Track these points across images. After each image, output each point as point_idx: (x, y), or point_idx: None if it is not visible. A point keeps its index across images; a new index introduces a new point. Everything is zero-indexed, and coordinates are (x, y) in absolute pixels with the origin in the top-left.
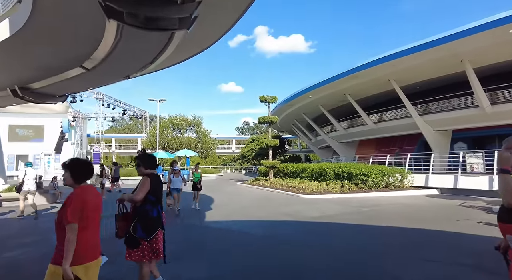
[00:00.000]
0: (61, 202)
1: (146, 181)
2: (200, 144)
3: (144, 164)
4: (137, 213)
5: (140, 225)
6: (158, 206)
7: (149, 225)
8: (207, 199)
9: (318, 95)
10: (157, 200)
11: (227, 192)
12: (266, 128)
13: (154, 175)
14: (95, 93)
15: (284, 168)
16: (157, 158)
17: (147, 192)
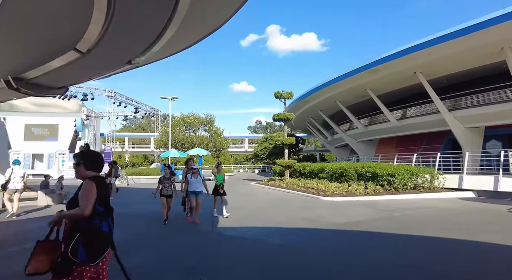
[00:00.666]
0: None
1: (91, 187)
2: (212, 143)
3: (86, 164)
4: (79, 229)
5: (83, 245)
6: (108, 219)
7: (97, 244)
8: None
9: (337, 90)
10: (107, 210)
11: (241, 192)
12: (280, 127)
13: (98, 178)
14: (106, 91)
15: (300, 167)
16: (169, 157)
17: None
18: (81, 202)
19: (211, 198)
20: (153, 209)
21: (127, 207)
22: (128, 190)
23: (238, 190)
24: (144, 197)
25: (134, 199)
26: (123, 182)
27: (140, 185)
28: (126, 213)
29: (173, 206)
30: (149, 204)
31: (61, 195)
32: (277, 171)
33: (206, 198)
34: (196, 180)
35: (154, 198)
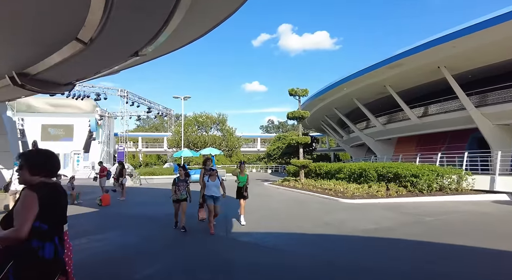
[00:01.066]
0: (79, 203)
1: (29, 199)
2: (225, 143)
3: (31, 167)
4: (12, 254)
5: (14, 278)
6: (55, 239)
7: (34, 275)
8: (234, 202)
9: (354, 87)
10: (53, 228)
11: (255, 193)
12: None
13: (44, 185)
14: (119, 91)
15: (316, 167)
16: (182, 157)
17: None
18: (16, 220)
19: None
20: (166, 211)
21: (140, 208)
22: (141, 190)
23: (252, 190)
24: (157, 197)
25: (146, 199)
26: (135, 182)
27: (153, 185)
28: (139, 214)
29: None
30: (162, 205)
31: (72, 196)
32: (291, 171)
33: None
34: (214, 183)
35: (171, 198)
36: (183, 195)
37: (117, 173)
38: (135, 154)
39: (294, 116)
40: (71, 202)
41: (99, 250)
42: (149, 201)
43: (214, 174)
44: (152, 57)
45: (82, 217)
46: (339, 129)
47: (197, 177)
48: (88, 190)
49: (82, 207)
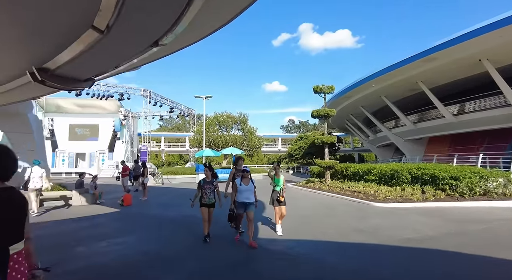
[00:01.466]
0: (101, 202)
1: None
2: (246, 142)
3: None
4: None
5: None
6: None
7: None
8: (262, 206)
9: (383, 83)
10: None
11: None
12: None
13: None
14: (142, 91)
15: (343, 169)
16: (203, 156)
17: None
18: None
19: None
20: (188, 213)
21: (161, 209)
22: (163, 190)
23: None
24: (179, 197)
25: (168, 200)
26: (158, 181)
27: (175, 185)
28: (160, 215)
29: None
30: (184, 206)
31: (95, 195)
32: (316, 172)
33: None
34: (247, 188)
35: (192, 207)
36: (211, 200)
37: (133, 173)
38: (158, 154)
39: (319, 114)
40: (94, 201)
41: (118, 254)
42: (171, 202)
43: (247, 177)
44: (172, 50)
45: (103, 217)
46: (366, 128)
47: (225, 177)
48: (111, 189)
49: (104, 206)
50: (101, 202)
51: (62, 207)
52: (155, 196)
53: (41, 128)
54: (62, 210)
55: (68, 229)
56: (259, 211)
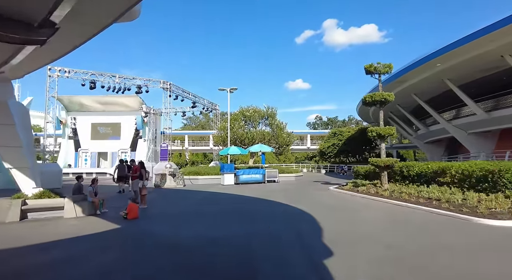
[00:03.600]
0: (102, 213)
1: None
2: (274, 139)
3: None
4: None
5: None
6: None
7: None
8: (309, 220)
9: (452, 61)
10: None
11: (329, 204)
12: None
13: None
14: (161, 83)
15: (403, 168)
16: (229, 154)
17: None
18: None
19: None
20: (216, 234)
21: (177, 225)
22: (183, 194)
23: (322, 199)
24: (201, 204)
25: (189, 207)
26: (179, 183)
27: (197, 186)
28: (173, 240)
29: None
30: (208, 219)
31: (94, 204)
32: (362, 172)
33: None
34: None
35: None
36: None
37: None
38: (182, 153)
39: (374, 100)
40: (93, 211)
41: None
42: (190, 212)
43: None
44: None
45: (89, 241)
46: (415, 121)
47: (248, 178)
48: (112, 197)
49: (102, 219)
50: (102, 213)
51: (49, 221)
52: (172, 203)
53: (28, 118)
54: (45, 224)
55: (10, 267)
56: (314, 229)
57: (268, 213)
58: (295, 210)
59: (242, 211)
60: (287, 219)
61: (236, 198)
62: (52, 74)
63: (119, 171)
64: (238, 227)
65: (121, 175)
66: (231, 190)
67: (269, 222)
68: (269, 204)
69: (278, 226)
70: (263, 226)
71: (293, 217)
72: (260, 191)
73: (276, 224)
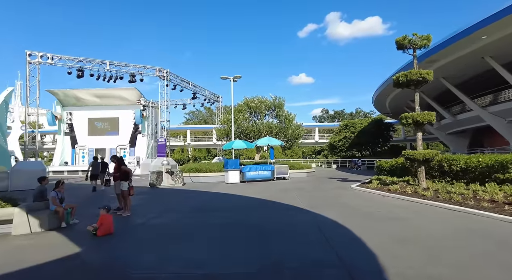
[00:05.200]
0: (73, 224)
1: None
2: (282, 132)
3: None
4: None
5: None
6: None
7: None
8: (350, 241)
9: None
10: None
11: (363, 211)
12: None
13: None
14: (157, 70)
15: (443, 162)
16: (233, 149)
17: None
18: None
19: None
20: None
21: (158, 251)
22: (181, 195)
23: (349, 202)
24: (201, 210)
25: (186, 216)
26: (177, 182)
27: (198, 185)
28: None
29: None
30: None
31: (58, 214)
32: (385, 167)
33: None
34: None
35: None
36: None
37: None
38: (184, 148)
39: (410, 79)
40: (57, 225)
41: None
42: (185, 223)
43: None
44: None
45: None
46: (441, 109)
47: (255, 175)
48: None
49: (62, 237)
50: (70, 225)
51: None
52: (163, 209)
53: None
54: None
55: None
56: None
57: (287, 227)
58: (322, 221)
59: (251, 224)
60: (316, 238)
61: (242, 202)
62: (32, 60)
63: (93, 168)
64: (244, 256)
65: (95, 173)
66: (236, 190)
67: (291, 244)
68: (285, 210)
69: (305, 253)
70: (282, 253)
71: (325, 235)
72: (270, 191)
73: (302, 249)
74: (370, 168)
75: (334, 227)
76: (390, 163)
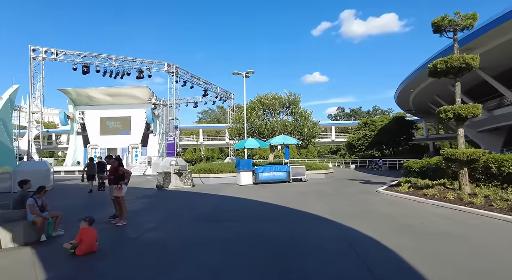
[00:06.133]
0: (58, 235)
1: None
2: (298, 130)
3: None
4: None
5: None
6: None
7: None
8: (399, 266)
9: None
10: None
11: (402, 222)
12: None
13: None
14: (166, 66)
15: (489, 163)
16: (246, 148)
17: None
18: None
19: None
20: None
21: None
22: (189, 198)
23: (382, 210)
24: (208, 219)
25: (183, 228)
26: (186, 183)
27: (208, 188)
28: None
29: None
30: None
31: (36, 225)
32: (414, 168)
33: None
34: None
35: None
36: None
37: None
38: (196, 148)
39: (450, 67)
40: (36, 237)
41: None
42: (188, 238)
43: None
44: None
45: None
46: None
47: (269, 176)
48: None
49: (34, 256)
50: (56, 236)
51: None
52: (165, 217)
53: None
54: None
55: None
56: None
57: (311, 248)
58: (354, 237)
59: (267, 242)
60: (353, 266)
61: (255, 208)
62: (36, 56)
63: (89, 169)
64: None
65: (91, 174)
66: (249, 193)
67: (320, 277)
68: (307, 220)
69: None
70: None
71: (363, 260)
72: (287, 195)
73: None
74: (391, 168)
75: (371, 247)
76: (421, 164)
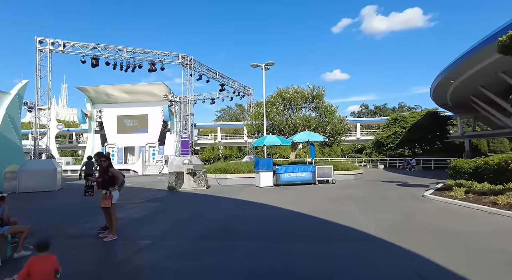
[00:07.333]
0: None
1: None
2: (322, 126)
3: None
4: None
5: None
6: None
7: None
8: None
9: None
10: None
11: (491, 249)
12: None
13: None
14: (180, 57)
15: None
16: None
17: None
18: None
19: None
20: None
21: None
22: (197, 205)
23: (442, 225)
24: (219, 236)
25: (186, 249)
26: (200, 184)
27: (224, 189)
28: None
29: None
30: None
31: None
32: (466, 169)
33: None
34: None
35: None
36: None
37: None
38: (214, 146)
39: None
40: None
41: None
42: (189, 266)
43: None
44: None
45: None
46: None
47: (292, 177)
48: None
49: None
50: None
51: None
52: (168, 229)
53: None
54: None
55: None
56: None
57: None
58: (425, 271)
59: None
60: None
61: (278, 219)
62: (43, 48)
63: (87, 168)
64: None
65: (88, 173)
66: (269, 196)
67: None
68: (348, 240)
69: None
70: None
71: None
72: (316, 201)
73: None
74: (426, 168)
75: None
76: (474, 164)
